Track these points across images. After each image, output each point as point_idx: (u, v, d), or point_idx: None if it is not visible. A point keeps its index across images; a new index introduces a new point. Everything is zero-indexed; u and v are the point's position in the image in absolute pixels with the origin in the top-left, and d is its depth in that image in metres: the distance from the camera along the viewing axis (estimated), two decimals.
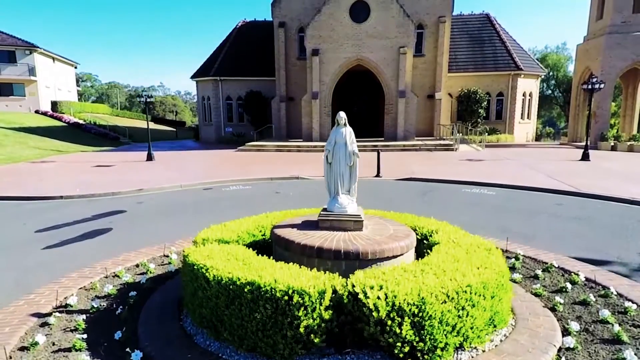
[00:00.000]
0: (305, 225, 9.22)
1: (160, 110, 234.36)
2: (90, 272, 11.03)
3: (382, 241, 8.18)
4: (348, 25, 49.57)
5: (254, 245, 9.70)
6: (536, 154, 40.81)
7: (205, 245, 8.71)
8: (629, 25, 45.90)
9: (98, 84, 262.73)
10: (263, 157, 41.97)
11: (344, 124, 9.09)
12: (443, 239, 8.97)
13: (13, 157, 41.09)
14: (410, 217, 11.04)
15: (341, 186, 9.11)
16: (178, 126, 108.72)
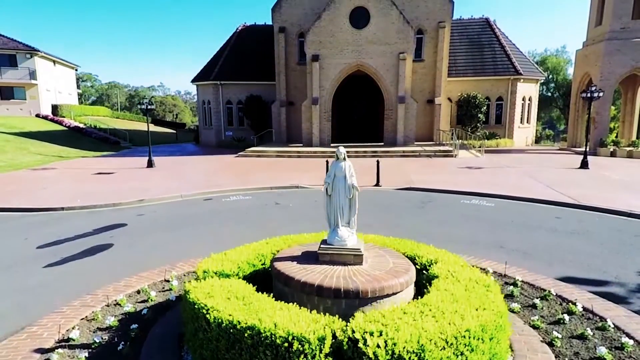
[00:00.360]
0: (305, 258, 9.28)
1: (160, 111, 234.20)
2: (92, 299, 11.09)
3: (381, 278, 8.25)
4: (348, 31, 49.65)
5: (254, 276, 9.77)
6: (535, 161, 40.80)
7: (206, 280, 8.75)
8: (628, 31, 45.92)
9: (98, 84, 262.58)
10: (263, 163, 42.02)
11: (344, 158, 9.14)
12: (442, 272, 9.02)
13: (14, 163, 41.10)
14: (409, 244, 11.08)
15: (341, 218, 9.18)
16: (178, 128, 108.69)
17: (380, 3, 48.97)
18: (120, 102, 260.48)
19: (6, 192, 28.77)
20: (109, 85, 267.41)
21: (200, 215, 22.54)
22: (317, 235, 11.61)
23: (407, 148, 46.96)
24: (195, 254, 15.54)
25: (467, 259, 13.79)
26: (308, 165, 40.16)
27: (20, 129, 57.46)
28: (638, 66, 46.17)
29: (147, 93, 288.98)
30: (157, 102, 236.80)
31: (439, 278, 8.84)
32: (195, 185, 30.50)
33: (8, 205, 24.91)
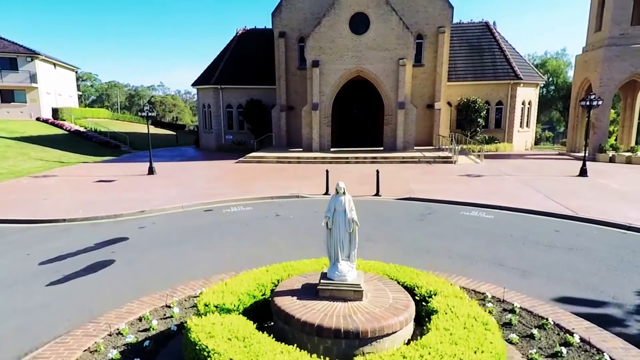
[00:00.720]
0: (305, 293, 9.38)
1: (160, 110, 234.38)
2: (95, 328, 11.18)
3: (381, 317, 8.36)
4: (348, 37, 49.75)
5: (254, 308, 9.88)
6: (534, 168, 40.85)
7: (207, 316, 8.84)
8: (628, 37, 46.02)
9: (98, 84, 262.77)
10: (263, 169, 42.09)
11: (343, 192, 9.21)
12: (441, 307, 9.12)
13: (15, 170, 41.18)
14: (409, 272, 11.19)
15: (341, 252, 9.29)
16: (178, 129, 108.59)
17: (380, 9, 49.05)
18: (120, 102, 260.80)
19: (8, 202, 28.85)
20: (108, 85, 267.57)
21: (200, 227, 22.64)
22: (317, 262, 11.74)
23: (406, 154, 46.99)
24: (195, 274, 15.68)
25: (466, 282, 13.94)
26: (308, 172, 40.23)
27: (21, 133, 57.48)
28: (637, 72, 46.25)
29: (146, 93, 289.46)
30: (157, 101, 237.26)
31: (438, 313, 8.94)
32: (196, 195, 30.59)
33: (11, 216, 25.00)
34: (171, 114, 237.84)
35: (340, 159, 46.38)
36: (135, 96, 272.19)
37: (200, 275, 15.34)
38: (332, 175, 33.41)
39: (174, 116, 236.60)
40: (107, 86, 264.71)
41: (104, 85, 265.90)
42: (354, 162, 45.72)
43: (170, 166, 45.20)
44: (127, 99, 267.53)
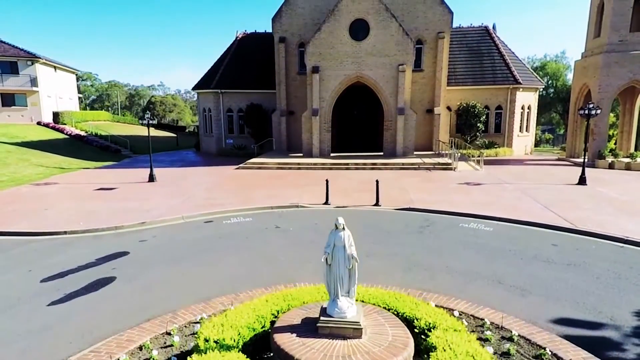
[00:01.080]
0: (305, 329, 9.49)
1: (160, 110, 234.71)
2: (95, 358, 11.31)
3: (380, 357, 8.47)
4: (348, 43, 49.90)
5: (254, 341, 10.00)
6: (533, 176, 40.91)
7: (207, 354, 8.95)
8: (626, 44, 46.15)
9: (98, 83, 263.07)
10: (263, 176, 42.27)
11: (342, 227, 9.31)
12: (440, 343, 9.23)
13: (16, 177, 41.28)
14: (409, 302, 11.32)
15: (341, 288, 9.42)
16: (178, 131, 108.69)
17: (379, 15, 49.18)
18: (121, 102, 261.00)
19: (10, 212, 28.97)
20: (109, 85, 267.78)
21: (201, 241, 22.76)
22: (317, 289, 11.92)
23: (406, 160, 47.07)
24: (196, 292, 15.83)
25: (465, 306, 14.08)
26: (308, 179, 40.38)
27: (22, 138, 57.58)
28: (636, 78, 46.38)
29: (147, 92, 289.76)
30: (157, 101, 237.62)
31: (436, 351, 9.04)
32: (196, 204, 30.70)
33: (13, 229, 25.15)
34: (171, 114, 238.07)
35: (340, 165, 46.48)
36: (135, 96, 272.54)
37: (201, 295, 15.48)
38: (331, 182, 33.63)
39: (174, 118, 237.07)
40: (107, 86, 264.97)
41: (104, 85, 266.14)
42: (353, 168, 45.82)
43: (170, 172, 45.24)
44: (127, 98, 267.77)
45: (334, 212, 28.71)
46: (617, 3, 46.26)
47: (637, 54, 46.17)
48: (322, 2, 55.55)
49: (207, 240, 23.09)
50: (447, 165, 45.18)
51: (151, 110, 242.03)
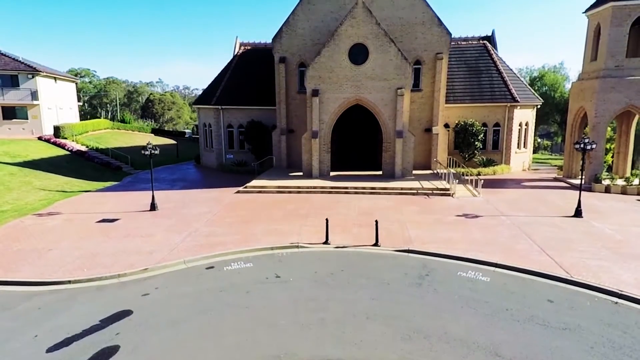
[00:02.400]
0: None
1: (159, 108, 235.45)
2: None
3: None
4: (347, 67, 50.43)
5: None
6: (530, 205, 41.19)
7: None
8: (622, 69, 46.66)
9: (96, 80, 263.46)
10: (264, 203, 42.98)
11: None
12: None
13: (19, 205, 41.76)
14: None
15: None
16: (178, 137, 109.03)
17: (378, 40, 49.68)
18: (119, 99, 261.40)
19: (14, 253, 29.50)
20: (107, 81, 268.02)
21: (202, 296, 23.22)
22: None
23: (404, 184, 47.58)
24: None
25: None
26: (308, 207, 41.15)
27: (23, 157, 58.01)
28: (632, 104, 46.96)
29: (145, 89, 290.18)
30: (156, 99, 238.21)
31: None
32: (198, 243, 31.33)
33: (17, 277, 25.74)
34: (170, 112, 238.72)
35: (340, 189, 47.01)
36: (134, 93, 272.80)
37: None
38: (331, 212, 35.93)
39: (173, 116, 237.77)
40: (105, 82, 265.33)
41: (102, 82, 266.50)
42: (353, 193, 46.35)
43: (171, 197, 45.74)
44: (125, 95, 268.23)
45: (334, 254, 29.32)
46: (614, 29, 46.73)
47: (634, 79, 46.67)
48: (322, 24, 56.11)
49: (208, 294, 23.54)
50: (445, 190, 45.66)
51: (150, 108, 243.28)
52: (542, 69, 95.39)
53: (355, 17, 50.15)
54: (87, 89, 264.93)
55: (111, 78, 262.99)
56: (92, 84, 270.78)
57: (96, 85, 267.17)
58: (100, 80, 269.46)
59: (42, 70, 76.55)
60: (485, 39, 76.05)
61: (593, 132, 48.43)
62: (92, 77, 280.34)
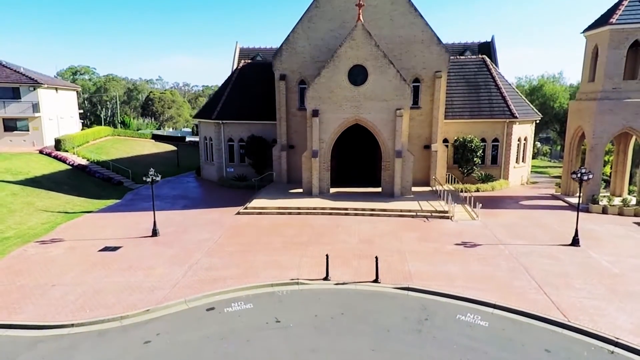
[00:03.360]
0: None
1: (159, 107, 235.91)
2: None
3: None
4: (347, 88, 50.90)
5: None
6: (527, 231, 41.75)
7: None
8: (620, 91, 47.11)
9: (96, 77, 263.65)
10: (264, 228, 43.53)
11: None
12: None
13: (22, 230, 42.17)
14: None
15: None
16: (178, 141, 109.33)
17: (377, 62, 50.12)
18: (119, 96, 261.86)
19: (17, 289, 29.97)
20: (106, 78, 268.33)
21: (202, 347, 23.60)
22: None
23: (404, 205, 48.02)
24: None
25: None
26: (308, 231, 41.94)
27: (25, 174, 58.29)
28: (629, 126, 47.45)
29: (145, 87, 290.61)
30: (156, 97, 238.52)
31: None
32: (199, 276, 32.03)
33: (20, 318, 26.34)
34: (170, 110, 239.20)
35: (340, 210, 47.52)
36: (133, 90, 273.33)
37: None
38: (331, 238, 37.74)
39: (173, 114, 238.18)
40: (105, 79, 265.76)
41: (102, 79, 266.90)
42: (353, 214, 46.87)
43: (172, 220, 46.41)
44: (125, 93, 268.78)
45: (334, 293, 29.71)
46: (612, 52, 47.13)
47: (631, 102, 47.09)
48: (322, 42, 56.63)
49: (208, 343, 23.85)
50: (444, 213, 46.06)
51: (150, 106, 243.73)
52: (542, 78, 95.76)
53: (355, 39, 50.53)
54: (86, 86, 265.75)
55: (111, 75, 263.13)
56: (92, 81, 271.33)
57: (96, 82, 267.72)
58: (100, 78, 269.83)
59: (44, 83, 76.68)
60: (485, 45, 77.10)
61: (591, 153, 48.91)
62: (92, 74, 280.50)
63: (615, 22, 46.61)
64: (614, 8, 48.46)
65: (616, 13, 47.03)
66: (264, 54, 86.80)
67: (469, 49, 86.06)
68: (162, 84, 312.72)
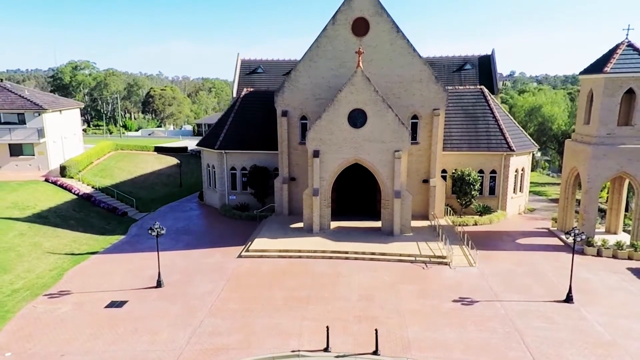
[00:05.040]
0: None
1: (159, 104, 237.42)
2: None
3: None
4: (346, 130, 52.13)
5: None
6: (525, 280, 43.25)
7: None
8: (614, 137, 48.15)
9: (96, 72, 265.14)
10: (265, 277, 44.66)
11: None
12: None
13: (30, 280, 43.29)
14: None
15: None
16: (181, 152, 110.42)
17: (376, 106, 51.32)
18: (119, 92, 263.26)
19: (28, 358, 31.31)
20: (106, 73, 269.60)
21: None
22: None
23: (403, 247, 49.35)
24: None
25: None
26: (309, 283, 43.16)
27: (32, 208, 59.45)
28: (624, 170, 48.58)
29: (145, 82, 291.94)
30: (157, 94, 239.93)
31: None
32: (202, 344, 33.07)
33: None
34: (170, 107, 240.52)
35: (340, 254, 48.67)
36: (134, 85, 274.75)
37: None
38: (331, 291, 39.95)
39: (173, 111, 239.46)
40: (105, 74, 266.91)
41: (102, 74, 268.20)
42: (353, 258, 48.02)
43: (176, 264, 47.86)
44: (125, 88, 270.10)
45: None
46: (606, 99, 48.12)
47: (625, 148, 48.13)
48: (323, 80, 57.85)
49: None
50: (442, 259, 47.16)
51: (150, 103, 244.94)
52: (539, 85, 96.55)
53: (355, 85, 51.68)
54: (86, 81, 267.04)
55: (110, 69, 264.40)
56: (92, 76, 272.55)
57: (95, 77, 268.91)
58: (99, 72, 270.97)
59: (48, 107, 77.67)
60: (485, 58, 78.47)
61: (586, 195, 50.00)
62: (92, 69, 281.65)
63: (609, 70, 47.51)
64: (608, 55, 49.33)
65: (610, 62, 47.87)
66: (265, 66, 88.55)
67: (469, 61, 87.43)
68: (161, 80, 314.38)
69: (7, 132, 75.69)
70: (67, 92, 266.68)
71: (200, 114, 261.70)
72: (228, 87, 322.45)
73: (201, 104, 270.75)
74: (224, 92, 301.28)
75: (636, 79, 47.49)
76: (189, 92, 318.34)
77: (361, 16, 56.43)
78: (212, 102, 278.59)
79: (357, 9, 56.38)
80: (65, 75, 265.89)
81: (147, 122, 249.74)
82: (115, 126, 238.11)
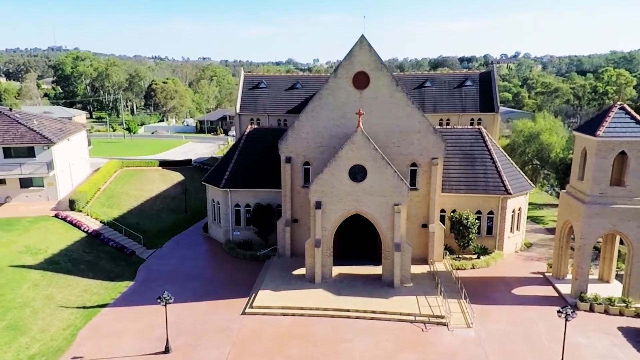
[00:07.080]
0: None
1: (161, 98, 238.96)
2: None
3: None
4: (347, 184, 54.07)
5: None
6: (520, 346, 44.90)
7: None
8: (606, 197, 49.75)
9: (97, 63, 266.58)
10: (269, 339, 46.75)
11: None
12: None
13: (45, 342, 45.13)
14: None
15: None
16: (184, 166, 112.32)
17: (376, 162, 53.22)
18: (120, 82, 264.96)
19: None
20: (107, 63, 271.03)
21: None
22: None
23: (402, 304, 51.02)
24: None
25: None
26: (311, 351, 44.91)
27: (44, 252, 61.14)
28: (616, 229, 50.27)
29: (146, 74, 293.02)
30: (158, 88, 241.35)
31: None
32: None
33: None
34: (172, 101, 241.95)
35: (342, 312, 50.56)
36: (135, 77, 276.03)
37: None
38: None
39: (175, 105, 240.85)
40: (106, 64, 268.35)
41: (103, 64, 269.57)
42: (354, 317, 49.72)
43: (183, 321, 49.68)
44: (127, 79, 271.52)
45: None
46: (599, 160, 49.67)
47: (617, 207, 49.79)
48: (324, 129, 59.79)
49: None
50: (441, 319, 48.94)
51: (152, 97, 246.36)
52: None
53: (355, 143, 53.55)
54: (88, 72, 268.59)
55: (112, 58, 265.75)
56: (93, 67, 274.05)
57: (97, 68, 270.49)
58: (100, 62, 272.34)
59: (57, 140, 79.45)
60: (485, 75, 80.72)
61: (579, 252, 51.65)
62: (93, 60, 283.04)
63: (601, 135, 49.02)
64: (601, 117, 50.94)
65: (603, 125, 49.35)
66: (267, 80, 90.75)
67: (469, 78, 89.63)
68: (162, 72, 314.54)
69: (18, 167, 77.63)
70: (69, 83, 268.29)
71: (202, 104, 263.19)
72: (229, 73, 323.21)
73: (203, 93, 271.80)
74: (225, 80, 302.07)
75: (628, 143, 48.89)
76: (190, 80, 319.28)
77: (362, 70, 58.45)
78: (213, 91, 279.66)
79: (358, 64, 58.40)
80: (67, 67, 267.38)
81: (150, 117, 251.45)
82: (118, 117, 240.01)
